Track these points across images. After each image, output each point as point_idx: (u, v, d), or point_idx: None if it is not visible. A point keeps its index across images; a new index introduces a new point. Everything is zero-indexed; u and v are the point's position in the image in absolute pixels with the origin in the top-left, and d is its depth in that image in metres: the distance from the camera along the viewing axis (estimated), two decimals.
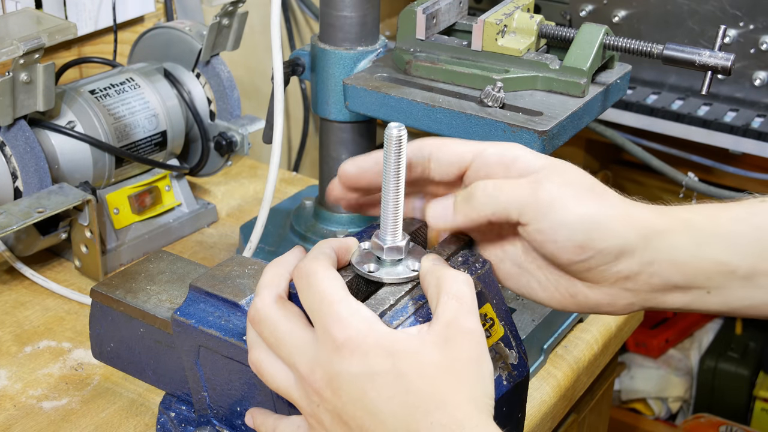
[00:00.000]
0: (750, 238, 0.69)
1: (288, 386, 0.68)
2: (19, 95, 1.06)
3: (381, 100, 1.00)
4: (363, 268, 0.71)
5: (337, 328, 0.64)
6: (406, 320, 0.68)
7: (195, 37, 1.26)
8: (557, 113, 0.94)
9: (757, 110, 1.58)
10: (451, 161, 0.74)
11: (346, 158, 1.10)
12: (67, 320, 1.10)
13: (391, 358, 0.63)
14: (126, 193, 1.22)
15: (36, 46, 1.04)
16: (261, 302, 0.70)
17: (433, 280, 0.67)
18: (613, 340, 1.12)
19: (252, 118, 1.28)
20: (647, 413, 2.19)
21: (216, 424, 0.83)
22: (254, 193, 1.39)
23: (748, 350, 2.13)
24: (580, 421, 1.18)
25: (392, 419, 0.63)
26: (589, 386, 1.11)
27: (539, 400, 0.99)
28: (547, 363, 1.04)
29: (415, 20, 1.01)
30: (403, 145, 0.68)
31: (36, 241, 1.14)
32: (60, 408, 0.96)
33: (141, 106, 1.21)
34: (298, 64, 1.09)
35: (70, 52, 1.35)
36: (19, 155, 1.09)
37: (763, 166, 1.71)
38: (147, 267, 0.91)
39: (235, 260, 0.84)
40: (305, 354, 0.66)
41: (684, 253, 0.69)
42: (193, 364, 0.81)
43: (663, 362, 2.21)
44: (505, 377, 0.73)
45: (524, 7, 1.02)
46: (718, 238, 0.69)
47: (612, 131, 1.65)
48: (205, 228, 1.30)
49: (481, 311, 0.72)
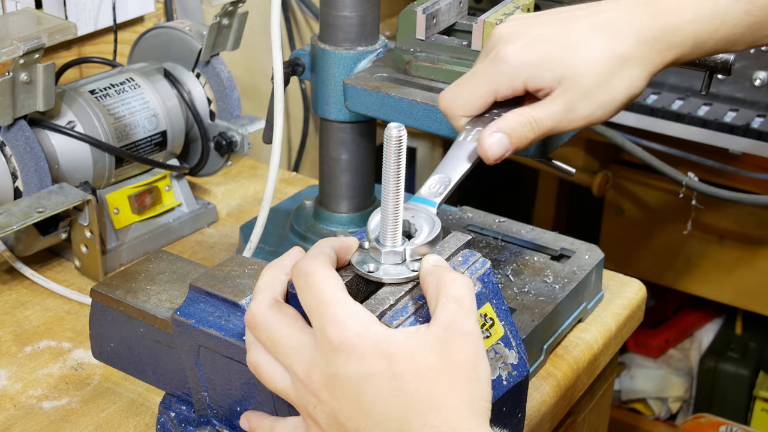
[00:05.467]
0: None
1: (285, 387, 0.68)
2: (19, 95, 1.06)
3: (381, 100, 1.00)
4: (363, 268, 0.71)
5: (333, 329, 0.64)
6: (405, 320, 0.68)
7: (195, 37, 1.26)
8: None
9: (757, 110, 1.58)
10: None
11: (346, 158, 1.11)
12: (67, 320, 1.10)
13: (387, 360, 0.63)
14: (126, 193, 1.22)
15: (36, 46, 1.04)
16: (257, 306, 0.70)
17: (433, 281, 0.67)
18: (613, 340, 1.12)
19: (252, 118, 1.28)
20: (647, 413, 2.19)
21: (216, 424, 0.83)
22: (254, 193, 1.39)
23: (748, 350, 2.13)
24: (580, 421, 1.18)
25: (386, 420, 0.63)
26: (589, 386, 1.11)
27: (539, 400, 0.99)
28: (547, 363, 1.04)
29: (415, 20, 1.02)
30: (403, 145, 0.68)
31: (36, 241, 1.14)
32: (60, 408, 0.96)
33: (141, 106, 1.21)
34: (298, 64, 1.09)
35: (70, 52, 1.35)
36: (19, 155, 1.09)
37: (763, 166, 1.71)
38: (147, 267, 0.91)
39: (235, 260, 0.84)
40: (302, 356, 0.66)
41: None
42: (193, 364, 0.81)
43: (663, 362, 2.21)
44: (505, 377, 0.73)
45: (524, 7, 1.02)
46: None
47: (612, 131, 1.65)
48: (205, 228, 1.30)
49: (481, 311, 0.72)
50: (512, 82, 0.79)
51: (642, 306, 1.18)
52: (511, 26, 0.80)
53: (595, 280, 1.11)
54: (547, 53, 0.78)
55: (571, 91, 0.78)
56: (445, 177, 0.79)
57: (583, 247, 1.12)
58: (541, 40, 0.79)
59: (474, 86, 0.81)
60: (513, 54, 0.79)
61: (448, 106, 0.83)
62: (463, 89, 0.82)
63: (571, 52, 0.78)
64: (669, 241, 2.01)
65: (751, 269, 1.94)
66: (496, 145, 0.78)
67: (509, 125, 0.79)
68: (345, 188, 1.13)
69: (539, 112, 0.79)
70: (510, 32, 0.80)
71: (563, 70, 0.78)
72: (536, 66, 0.78)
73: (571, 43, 0.78)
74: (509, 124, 0.79)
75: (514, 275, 1.07)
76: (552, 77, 0.78)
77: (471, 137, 0.81)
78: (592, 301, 1.11)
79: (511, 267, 1.08)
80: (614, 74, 0.78)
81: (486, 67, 0.80)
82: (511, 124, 0.79)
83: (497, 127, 0.79)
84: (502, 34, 0.80)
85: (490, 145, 0.78)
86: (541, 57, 0.78)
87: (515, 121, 0.79)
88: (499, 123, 0.79)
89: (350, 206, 1.14)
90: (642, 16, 0.79)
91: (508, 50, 0.79)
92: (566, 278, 1.07)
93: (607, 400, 1.28)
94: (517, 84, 0.79)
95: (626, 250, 2.07)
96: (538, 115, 0.79)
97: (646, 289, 1.19)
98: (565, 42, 0.78)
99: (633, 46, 0.78)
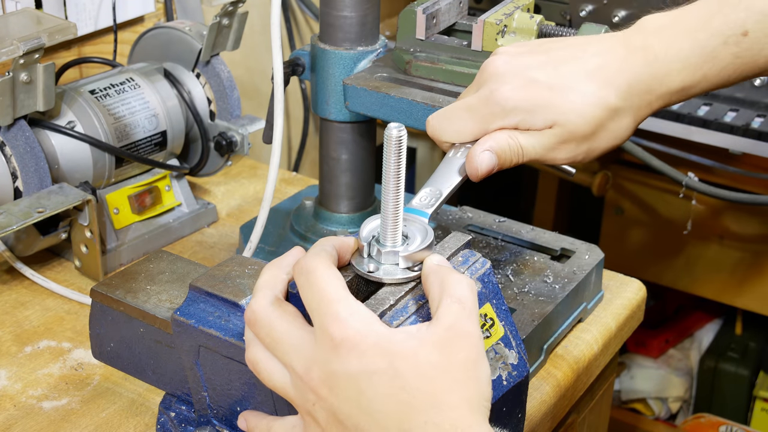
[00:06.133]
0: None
1: (284, 384, 0.68)
2: (19, 95, 1.06)
3: (381, 100, 1.00)
4: (363, 267, 0.71)
5: (335, 327, 0.64)
6: (406, 320, 0.68)
7: (195, 37, 1.26)
8: None
9: (757, 110, 1.58)
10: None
11: (346, 158, 1.11)
12: (67, 320, 1.10)
13: (389, 358, 0.63)
14: (126, 193, 1.22)
15: (36, 46, 1.04)
16: (257, 303, 0.70)
17: (436, 281, 0.68)
18: (613, 340, 1.12)
19: (252, 118, 1.28)
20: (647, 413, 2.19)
21: (216, 424, 0.83)
22: (254, 193, 1.39)
23: (748, 350, 2.13)
24: (580, 421, 1.18)
25: (386, 418, 0.63)
26: (589, 386, 1.11)
27: (539, 400, 0.99)
28: (547, 363, 1.04)
29: (415, 20, 1.02)
30: (403, 145, 0.68)
31: (36, 241, 1.14)
32: (60, 408, 0.96)
33: (141, 106, 1.21)
34: (298, 64, 1.09)
35: (70, 52, 1.35)
36: (19, 155, 1.09)
37: (763, 166, 1.71)
38: (147, 267, 0.91)
39: (235, 260, 0.84)
40: (302, 353, 0.67)
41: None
42: (193, 364, 0.81)
43: (663, 362, 2.21)
44: (505, 377, 0.73)
45: (524, 7, 1.02)
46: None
47: None
48: (205, 228, 1.30)
49: (481, 311, 0.72)
50: (504, 122, 0.81)
51: (642, 306, 1.18)
52: (504, 64, 0.82)
53: (595, 280, 1.11)
54: (540, 98, 0.80)
55: (561, 135, 0.80)
56: (436, 190, 0.81)
57: (583, 247, 1.12)
58: (534, 84, 0.80)
59: (465, 122, 0.83)
60: (507, 97, 0.80)
61: (437, 134, 0.85)
62: (453, 122, 0.83)
63: (564, 97, 0.80)
64: (669, 241, 2.01)
65: (751, 269, 1.94)
66: (485, 162, 0.81)
67: (499, 145, 0.81)
68: (345, 188, 1.13)
69: (528, 141, 0.81)
70: (504, 72, 0.81)
71: (555, 115, 0.80)
72: (529, 111, 0.80)
73: (563, 88, 0.80)
74: (499, 144, 0.81)
75: (514, 275, 1.07)
76: (544, 121, 0.80)
77: (460, 154, 0.84)
78: (592, 301, 1.11)
79: (511, 267, 1.09)
80: (603, 125, 0.80)
81: (479, 104, 0.82)
82: (500, 145, 0.81)
83: (488, 145, 0.81)
84: (495, 72, 0.82)
85: (480, 162, 0.81)
86: (535, 102, 0.80)
87: (504, 142, 0.81)
88: (489, 141, 0.81)
89: (350, 206, 1.14)
90: (633, 65, 0.81)
91: (501, 92, 0.80)
92: (566, 278, 1.07)
93: (607, 400, 1.28)
94: (508, 124, 0.81)
95: (626, 250, 2.07)
96: (526, 144, 0.81)
97: (646, 289, 1.19)
98: (557, 86, 0.80)
99: (624, 97, 0.80)
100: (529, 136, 0.81)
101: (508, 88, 0.80)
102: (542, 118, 0.80)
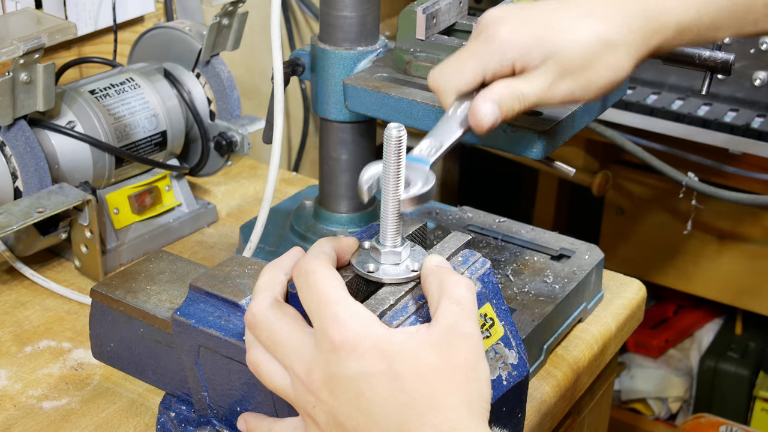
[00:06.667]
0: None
1: (285, 386, 0.68)
2: (19, 95, 1.06)
3: (381, 100, 1.00)
4: (363, 268, 0.71)
5: (334, 329, 0.64)
6: (406, 320, 0.68)
7: (195, 37, 1.26)
8: (557, 113, 0.94)
9: (757, 110, 1.58)
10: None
11: (346, 158, 1.11)
12: (67, 320, 1.10)
13: (388, 360, 0.63)
14: (126, 193, 1.22)
15: (36, 46, 1.04)
16: (257, 306, 0.70)
17: (435, 282, 0.68)
18: (613, 340, 1.12)
19: (252, 118, 1.28)
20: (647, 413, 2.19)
21: (216, 424, 0.83)
22: (254, 193, 1.39)
23: (748, 350, 2.13)
24: (580, 421, 1.18)
25: (386, 420, 0.63)
26: (589, 386, 1.11)
27: (539, 400, 0.99)
28: (547, 363, 1.04)
29: (415, 20, 1.02)
30: (403, 145, 0.68)
31: (36, 241, 1.14)
32: (60, 408, 0.96)
33: (141, 106, 1.21)
34: (298, 64, 1.09)
35: (70, 52, 1.35)
36: (19, 155, 1.09)
37: (763, 166, 1.71)
38: (147, 267, 0.91)
39: (235, 260, 0.84)
40: (302, 355, 0.67)
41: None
42: (193, 364, 0.81)
43: (663, 362, 2.21)
44: (505, 377, 0.73)
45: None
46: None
47: (612, 131, 1.65)
48: (205, 228, 1.30)
49: (481, 311, 0.72)
50: (501, 60, 0.81)
51: (642, 306, 1.18)
52: (501, 10, 0.83)
53: (595, 280, 1.11)
54: (536, 34, 0.80)
55: (555, 68, 0.80)
56: (437, 141, 0.80)
57: (583, 247, 1.12)
58: (530, 22, 0.81)
59: (464, 63, 0.83)
60: (504, 33, 0.81)
61: (437, 82, 0.84)
62: (453, 67, 0.84)
63: (558, 33, 0.80)
64: (669, 241, 2.01)
65: (751, 269, 1.94)
66: (488, 113, 0.80)
67: (498, 95, 0.81)
68: (345, 188, 1.13)
69: (525, 85, 0.81)
70: (501, 15, 0.82)
71: (549, 49, 0.80)
72: (525, 45, 0.80)
73: (559, 26, 0.81)
74: (499, 93, 0.81)
75: (514, 275, 1.07)
76: (539, 56, 0.80)
77: (461, 110, 0.83)
78: (592, 301, 1.11)
79: (511, 267, 1.08)
80: (597, 57, 0.80)
81: (477, 46, 0.82)
82: (500, 94, 0.81)
83: (488, 96, 0.81)
84: (492, 17, 0.83)
85: (484, 113, 0.80)
86: (531, 37, 0.80)
87: (504, 91, 0.81)
88: (489, 93, 0.81)
89: (350, 206, 1.14)
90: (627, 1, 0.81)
91: (499, 30, 0.81)
92: (566, 278, 1.07)
93: (607, 400, 1.28)
94: (506, 62, 0.81)
95: (626, 250, 2.07)
96: (524, 88, 0.81)
97: (646, 289, 1.19)
98: (553, 25, 0.81)
99: (617, 29, 0.80)
100: (526, 79, 0.81)
101: (505, 28, 0.81)
102: (537, 52, 0.80)
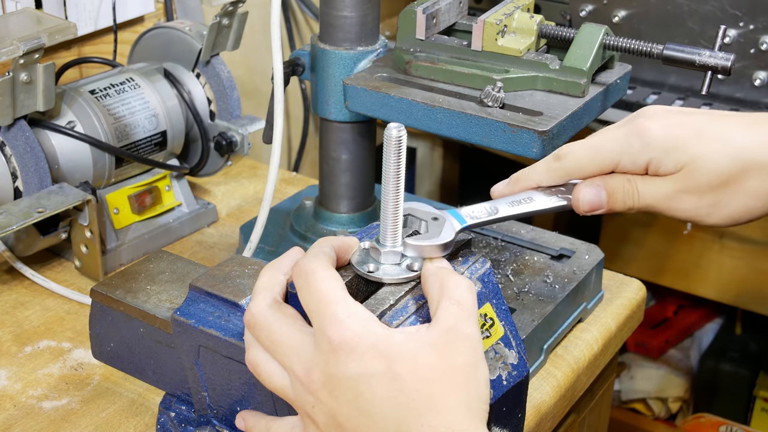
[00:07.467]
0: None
1: (284, 386, 0.68)
2: (19, 95, 1.07)
3: (381, 100, 1.00)
4: (363, 268, 0.71)
5: (333, 329, 0.64)
6: (406, 320, 0.68)
7: (195, 37, 1.26)
8: (557, 113, 0.94)
9: (757, 110, 1.58)
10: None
11: (346, 158, 1.11)
12: (67, 320, 1.10)
13: (387, 360, 0.63)
14: (126, 193, 1.22)
15: (36, 46, 1.04)
16: (256, 306, 0.70)
17: (436, 283, 0.68)
18: (613, 340, 1.12)
19: (252, 118, 1.28)
20: (647, 413, 2.18)
21: (216, 424, 0.83)
22: (254, 193, 1.39)
23: (748, 350, 2.13)
24: (580, 421, 1.18)
25: (385, 420, 0.63)
26: (589, 386, 1.11)
27: (539, 400, 0.99)
28: (547, 363, 1.04)
29: (415, 20, 1.02)
30: (403, 145, 0.68)
31: (36, 241, 1.14)
32: (60, 408, 0.96)
33: (141, 106, 1.21)
34: (298, 64, 1.09)
35: (70, 52, 1.35)
36: (19, 155, 1.09)
37: None
38: (147, 267, 0.91)
39: (235, 260, 0.84)
40: (301, 356, 0.67)
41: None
42: (193, 364, 0.81)
43: (663, 362, 2.21)
44: (505, 377, 0.73)
45: (524, 7, 1.02)
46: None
47: None
48: (205, 228, 1.30)
49: (481, 311, 0.72)
50: (637, 157, 0.76)
51: (642, 306, 1.18)
52: (659, 108, 0.77)
53: (595, 280, 1.11)
54: (681, 139, 0.74)
55: (685, 180, 0.74)
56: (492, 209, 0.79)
57: (583, 247, 1.12)
58: (682, 126, 0.75)
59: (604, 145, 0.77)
60: (653, 131, 0.75)
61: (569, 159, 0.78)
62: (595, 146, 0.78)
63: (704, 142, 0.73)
64: (669, 241, 2.01)
65: (751, 269, 1.94)
66: (591, 194, 0.77)
67: (612, 184, 0.76)
68: (345, 188, 1.13)
69: (646, 186, 0.76)
70: (657, 111, 0.77)
71: (687, 158, 0.74)
72: (665, 149, 0.75)
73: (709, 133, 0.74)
74: (613, 182, 0.76)
75: (514, 275, 1.07)
76: (674, 161, 0.74)
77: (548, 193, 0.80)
78: (592, 301, 1.11)
79: (511, 267, 1.08)
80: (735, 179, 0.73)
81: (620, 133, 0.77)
82: (614, 184, 0.76)
83: (600, 180, 0.77)
84: (647, 111, 0.77)
85: (586, 193, 0.77)
86: (675, 142, 0.74)
87: (619, 182, 0.76)
88: (603, 178, 0.77)
89: (350, 206, 1.14)
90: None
91: (646, 125, 0.76)
92: (566, 278, 1.07)
93: (607, 400, 1.28)
94: (641, 162, 0.76)
95: (626, 250, 2.07)
96: (643, 189, 0.76)
97: (646, 289, 1.19)
98: (704, 130, 0.74)
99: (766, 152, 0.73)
100: (647, 181, 0.76)
101: (654, 124, 0.75)
102: (674, 157, 0.74)
